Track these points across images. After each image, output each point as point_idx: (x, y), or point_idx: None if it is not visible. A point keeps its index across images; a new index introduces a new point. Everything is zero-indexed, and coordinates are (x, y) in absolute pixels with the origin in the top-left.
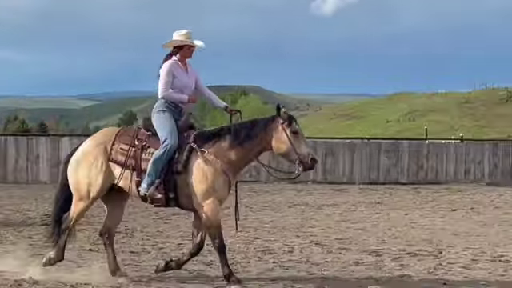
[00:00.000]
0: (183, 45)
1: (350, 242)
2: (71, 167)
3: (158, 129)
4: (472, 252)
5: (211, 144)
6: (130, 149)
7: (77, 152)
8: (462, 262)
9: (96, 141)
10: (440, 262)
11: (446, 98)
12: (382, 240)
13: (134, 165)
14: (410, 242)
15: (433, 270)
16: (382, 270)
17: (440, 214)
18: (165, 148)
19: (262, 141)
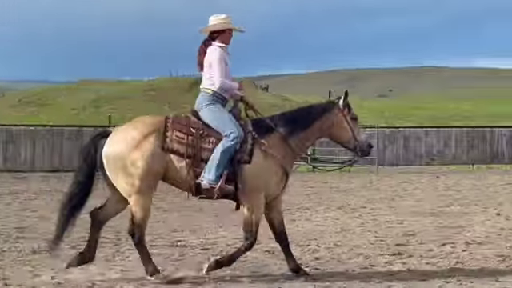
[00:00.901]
0: (224, 29)
1: (28, 230)
2: (119, 160)
3: (214, 121)
4: (151, 238)
5: (269, 134)
6: (187, 137)
7: (120, 144)
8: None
9: (144, 130)
10: (119, 249)
11: (131, 86)
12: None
13: (193, 154)
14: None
15: (111, 257)
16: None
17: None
18: (234, 139)
19: (319, 129)
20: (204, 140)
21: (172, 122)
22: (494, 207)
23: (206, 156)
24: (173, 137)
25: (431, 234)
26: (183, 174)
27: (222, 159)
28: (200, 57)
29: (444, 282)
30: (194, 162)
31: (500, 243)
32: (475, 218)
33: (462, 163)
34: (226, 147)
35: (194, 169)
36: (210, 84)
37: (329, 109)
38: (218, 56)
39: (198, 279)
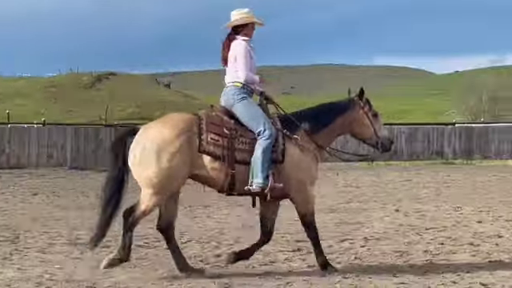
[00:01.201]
0: (247, 23)
1: None
2: (145, 158)
3: (248, 117)
4: (50, 236)
5: (297, 130)
6: (222, 139)
7: (148, 141)
8: (39, 246)
9: (176, 129)
10: (16, 247)
11: (31, 82)
12: None
13: (228, 155)
14: None
15: (9, 256)
16: None
17: (20, 199)
18: (269, 138)
19: (341, 125)
20: (238, 140)
21: (206, 123)
22: (392, 203)
23: (240, 157)
24: (208, 139)
25: (331, 230)
26: (217, 176)
27: (264, 160)
28: (224, 51)
29: (343, 277)
30: (229, 164)
31: (398, 239)
32: (374, 214)
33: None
34: (265, 147)
35: (230, 170)
36: (236, 77)
37: (350, 106)
38: (243, 50)
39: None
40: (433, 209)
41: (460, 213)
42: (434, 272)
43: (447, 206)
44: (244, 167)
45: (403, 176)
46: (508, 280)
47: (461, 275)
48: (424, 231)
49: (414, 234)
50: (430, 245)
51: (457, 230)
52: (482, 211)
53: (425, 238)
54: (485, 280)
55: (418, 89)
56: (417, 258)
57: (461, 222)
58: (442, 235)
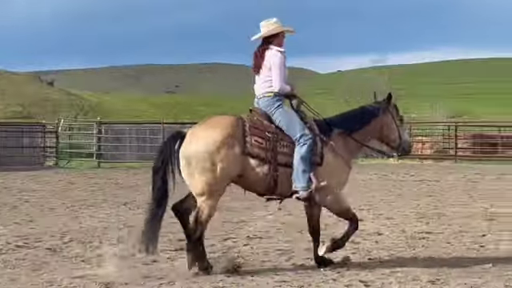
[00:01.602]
0: (278, 32)
1: None
2: (199, 162)
3: (286, 125)
4: None
5: (332, 135)
6: (265, 142)
7: (199, 146)
8: None
9: (225, 132)
10: None
11: None
12: None
13: (272, 158)
14: None
15: None
16: None
17: None
18: (307, 143)
19: (374, 129)
20: (279, 144)
21: (250, 127)
22: (276, 202)
23: (283, 160)
24: (252, 141)
25: (215, 229)
26: (261, 178)
27: (304, 164)
28: (257, 60)
29: (225, 276)
30: (273, 167)
31: (280, 237)
32: (258, 212)
33: None
34: (304, 152)
35: (274, 173)
36: (268, 87)
37: (382, 110)
38: (279, 61)
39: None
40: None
41: None
42: (315, 270)
43: None
44: (286, 170)
45: None
46: (387, 277)
47: (341, 272)
48: (306, 229)
49: (296, 232)
50: (311, 243)
51: (338, 228)
52: (363, 209)
53: (307, 237)
54: (364, 277)
55: (304, 88)
56: (298, 256)
57: (342, 220)
58: (324, 233)
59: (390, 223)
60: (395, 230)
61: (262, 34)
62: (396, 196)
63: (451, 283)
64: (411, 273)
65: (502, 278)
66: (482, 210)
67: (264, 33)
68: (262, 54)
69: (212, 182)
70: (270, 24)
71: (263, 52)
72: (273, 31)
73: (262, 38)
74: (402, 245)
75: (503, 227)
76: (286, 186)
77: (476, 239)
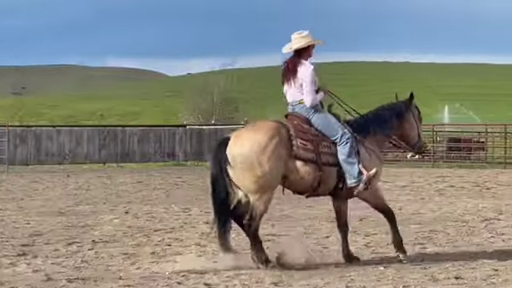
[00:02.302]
0: (309, 45)
1: None
2: (247, 163)
3: (325, 128)
4: None
5: (363, 133)
6: (309, 144)
7: (246, 148)
8: None
9: (269, 135)
10: None
11: None
12: None
13: (316, 159)
14: None
15: None
16: None
17: None
18: (348, 142)
19: (398, 127)
20: (321, 144)
21: (295, 130)
22: (123, 205)
23: (325, 159)
24: (298, 144)
25: (59, 233)
26: (307, 178)
27: (351, 161)
28: (288, 73)
29: (67, 281)
30: (318, 166)
31: (126, 241)
32: (104, 216)
33: (94, 162)
34: (347, 151)
35: (318, 172)
36: (300, 96)
37: (407, 109)
38: (310, 75)
39: None
40: (162, 210)
41: (188, 214)
42: (160, 273)
43: (176, 208)
44: (329, 169)
45: (135, 178)
46: (232, 280)
47: (186, 276)
48: (152, 233)
49: (142, 235)
50: (157, 246)
51: (184, 231)
52: (210, 212)
53: (153, 240)
54: (209, 280)
55: (152, 90)
56: (144, 260)
57: (189, 223)
58: (170, 236)
59: (236, 226)
60: (241, 233)
61: (294, 46)
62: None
63: (294, 285)
64: (255, 275)
65: (344, 279)
66: (326, 211)
67: (296, 46)
68: (294, 67)
69: (260, 181)
70: (302, 37)
71: (295, 66)
72: (305, 45)
73: (293, 50)
74: (247, 247)
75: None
76: (328, 184)
77: (320, 241)
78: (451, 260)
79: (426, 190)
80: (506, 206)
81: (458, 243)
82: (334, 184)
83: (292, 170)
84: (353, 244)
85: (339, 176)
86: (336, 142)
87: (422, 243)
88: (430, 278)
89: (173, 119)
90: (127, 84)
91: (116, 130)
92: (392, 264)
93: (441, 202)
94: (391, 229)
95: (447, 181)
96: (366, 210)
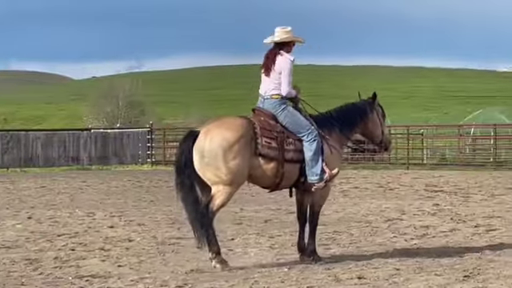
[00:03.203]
0: (290, 41)
1: None
2: (214, 159)
3: (293, 125)
4: None
5: (327, 130)
6: (273, 141)
7: (214, 143)
8: None
9: (237, 132)
10: None
11: None
12: None
13: (280, 156)
14: None
15: None
16: None
17: None
18: (315, 139)
19: (362, 125)
20: (286, 142)
21: (260, 128)
22: (26, 210)
23: (288, 156)
24: (263, 142)
25: None
26: (270, 175)
27: (316, 158)
28: (268, 62)
29: None
30: (281, 164)
31: (29, 246)
32: (6, 222)
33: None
34: (314, 148)
35: (280, 170)
36: (273, 89)
37: (371, 107)
38: (289, 68)
39: None
40: (66, 215)
41: (93, 218)
42: (63, 278)
43: (81, 212)
44: (292, 165)
45: (38, 183)
46: (136, 284)
47: (90, 280)
48: (56, 238)
49: (45, 241)
50: (60, 251)
51: (88, 235)
52: (115, 216)
53: (56, 245)
54: (113, 285)
55: (57, 94)
56: (47, 265)
57: (93, 227)
58: (74, 241)
59: (142, 229)
60: (146, 236)
61: (276, 39)
62: (148, 202)
63: (199, 287)
64: (160, 278)
65: (248, 280)
66: (232, 214)
67: (278, 39)
68: (273, 57)
69: (224, 176)
70: (285, 32)
71: (275, 56)
72: (286, 39)
73: (274, 42)
74: (152, 251)
75: (252, 230)
76: (290, 180)
77: (225, 243)
78: (354, 260)
79: (330, 192)
80: (409, 206)
81: (361, 243)
82: (296, 179)
83: (256, 167)
84: (257, 246)
85: (301, 171)
86: (303, 138)
87: (326, 244)
88: (333, 278)
89: (78, 123)
90: (31, 87)
91: (19, 135)
92: (296, 265)
93: (345, 203)
94: (310, 234)
95: (351, 182)
96: (271, 211)
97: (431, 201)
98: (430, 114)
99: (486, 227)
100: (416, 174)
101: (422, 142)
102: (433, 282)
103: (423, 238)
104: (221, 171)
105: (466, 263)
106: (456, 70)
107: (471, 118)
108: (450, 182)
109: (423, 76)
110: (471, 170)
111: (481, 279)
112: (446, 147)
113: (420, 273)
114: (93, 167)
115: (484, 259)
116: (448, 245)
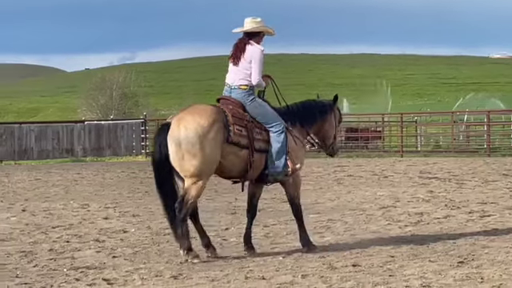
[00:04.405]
0: (259, 31)
1: None
2: (189, 148)
3: (261, 116)
4: None
5: (292, 123)
6: (244, 130)
7: (189, 132)
8: None
9: (211, 119)
10: None
11: None
12: None
13: (250, 145)
14: None
15: None
16: None
17: None
18: (283, 131)
19: (321, 124)
20: (255, 131)
21: (231, 116)
22: (20, 203)
23: (258, 146)
24: (235, 130)
25: None
26: (239, 164)
27: (280, 150)
28: (238, 51)
29: None
30: (250, 153)
31: (23, 239)
32: (0, 214)
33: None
34: (281, 140)
35: (251, 158)
36: (241, 79)
37: (331, 108)
38: (260, 57)
39: None
40: (60, 207)
41: (87, 210)
42: (58, 270)
43: (75, 204)
44: (260, 155)
45: (33, 175)
46: (131, 274)
47: (84, 272)
48: (50, 230)
49: (40, 233)
50: (55, 243)
51: (83, 227)
52: (109, 207)
53: (51, 237)
54: (107, 275)
55: (50, 87)
56: (41, 257)
57: (88, 219)
58: (68, 233)
59: (136, 220)
60: (141, 227)
61: (246, 28)
62: (143, 193)
63: (194, 277)
64: (155, 269)
65: (244, 270)
66: (226, 204)
67: (248, 28)
68: (243, 47)
69: (198, 165)
70: (255, 22)
71: (244, 45)
72: (256, 29)
73: (243, 32)
74: (147, 241)
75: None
76: (257, 170)
77: (219, 233)
78: (349, 248)
79: (324, 180)
80: (403, 193)
81: (355, 231)
82: (261, 169)
83: (227, 155)
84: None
85: (267, 162)
86: (270, 129)
87: (321, 232)
88: (328, 266)
89: (72, 115)
90: (25, 81)
91: (13, 127)
92: (291, 254)
93: (339, 191)
94: (298, 226)
95: (346, 170)
96: (265, 201)
97: (425, 188)
98: (423, 102)
99: (480, 213)
100: (410, 162)
101: (415, 129)
102: (427, 269)
103: (417, 225)
104: (197, 159)
105: (460, 249)
106: (449, 57)
107: (462, 103)
108: (443, 169)
109: (417, 64)
110: (465, 156)
111: (475, 265)
112: (440, 134)
113: (414, 259)
114: (87, 159)
115: (478, 245)
116: (442, 231)
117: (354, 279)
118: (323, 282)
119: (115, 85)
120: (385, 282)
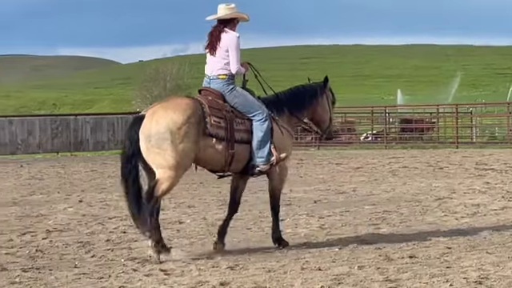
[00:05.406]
0: (233, 18)
1: None
2: (161, 141)
3: (242, 106)
4: None
5: (277, 112)
6: (223, 121)
7: (161, 126)
8: None
9: (185, 113)
10: None
11: None
12: None
13: (229, 137)
14: None
15: None
16: None
17: None
18: (266, 120)
19: (313, 108)
20: (235, 121)
21: (208, 107)
22: (77, 194)
23: (238, 137)
24: (212, 122)
25: (12, 223)
26: (220, 156)
27: (265, 140)
28: (212, 40)
29: (22, 271)
30: (230, 144)
31: (81, 229)
32: (58, 205)
33: (47, 151)
34: (264, 129)
35: (230, 150)
36: (220, 69)
37: (321, 91)
38: (236, 44)
39: None
40: (116, 198)
41: None
42: (115, 260)
43: None
44: (241, 146)
45: (88, 166)
46: (188, 265)
47: (142, 262)
48: (107, 221)
49: (96, 224)
50: (112, 234)
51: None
52: (164, 198)
53: (108, 228)
54: (164, 266)
55: (104, 79)
56: (99, 247)
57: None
58: (125, 224)
59: (192, 211)
60: (196, 218)
61: (220, 15)
62: (198, 184)
63: (250, 268)
64: (211, 259)
65: (299, 261)
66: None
67: (221, 15)
68: (218, 35)
69: (175, 160)
70: (229, 8)
71: (219, 33)
72: (230, 15)
73: (217, 19)
74: (202, 232)
75: (301, 211)
76: (240, 162)
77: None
78: (405, 240)
79: (379, 171)
80: (459, 184)
81: (411, 223)
82: (246, 161)
83: (205, 148)
84: (307, 226)
85: (251, 153)
86: (253, 118)
87: (376, 224)
88: (384, 257)
89: (126, 107)
90: (79, 73)
91: (68, 119)
92: (347, 245)
93: (394, 182)
94: (273, 220)
95: (400, 161)
96: (320, 192)
97: (482, 179)
98: (478, 92)
99: None
100: (465, 153)
101: (470, 120)
102: (485, 260)
103: (474, 217)
104: (168, 154)
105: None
106: (504, 47)
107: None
108: (500, 160)
109: (471, 54)
110: None
111: None
112: (496, 125)
113: (472, 251)
114: None
115: None
116: (499, 223)
117: (411, 271)
118: (380, 274)
119: (169, 76)
120: (442, 274)
